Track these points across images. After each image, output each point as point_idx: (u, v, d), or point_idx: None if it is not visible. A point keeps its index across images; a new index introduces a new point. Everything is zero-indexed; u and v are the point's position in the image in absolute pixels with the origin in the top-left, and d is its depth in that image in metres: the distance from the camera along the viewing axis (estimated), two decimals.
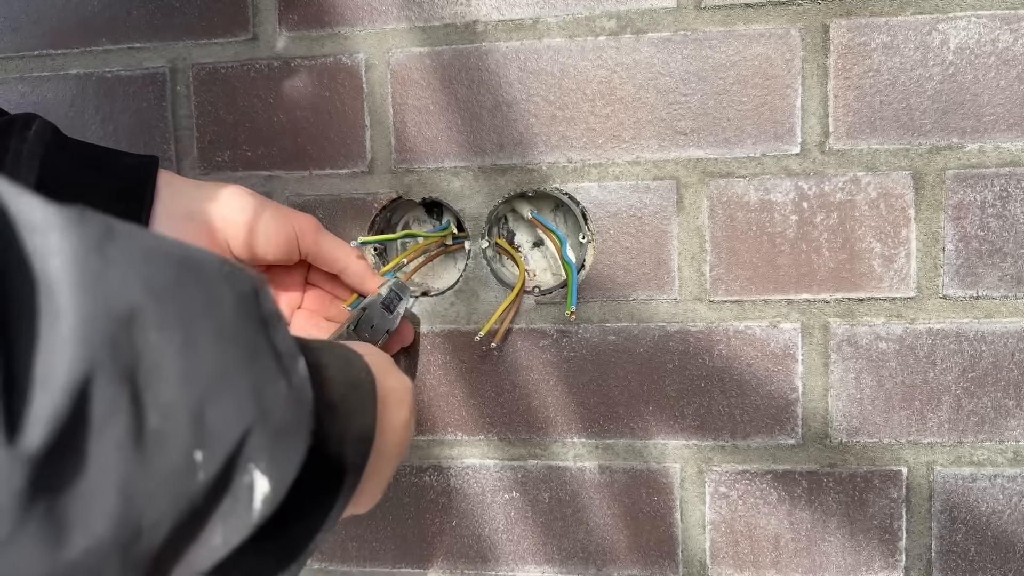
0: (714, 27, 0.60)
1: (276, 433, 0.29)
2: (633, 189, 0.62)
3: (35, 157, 0.51)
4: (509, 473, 0.66)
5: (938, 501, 0.62)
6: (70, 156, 0.53)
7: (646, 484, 0.65)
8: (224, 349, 0.27)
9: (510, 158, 0.63)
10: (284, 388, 0.30)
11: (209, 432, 0.26)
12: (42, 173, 0.51)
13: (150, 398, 0.24)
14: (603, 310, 0.64)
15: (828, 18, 0.59)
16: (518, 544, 0.67)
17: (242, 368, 0.28)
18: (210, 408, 0.26)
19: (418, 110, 0.64)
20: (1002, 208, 0.59)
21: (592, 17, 0.61)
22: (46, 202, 0.23)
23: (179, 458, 0.25)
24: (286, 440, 0.30)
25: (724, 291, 0.62)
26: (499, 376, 0.65)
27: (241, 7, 0.65)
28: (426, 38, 0.63)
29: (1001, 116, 0.58)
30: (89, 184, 0.53)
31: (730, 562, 0.64)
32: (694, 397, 0.63)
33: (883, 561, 0.62)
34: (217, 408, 0.26)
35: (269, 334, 0.30)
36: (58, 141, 0.53)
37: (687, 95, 0.61)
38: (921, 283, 0.60)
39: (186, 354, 0.25)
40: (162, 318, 0.25)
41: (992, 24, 0.58)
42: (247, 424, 0.27)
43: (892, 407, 0.61)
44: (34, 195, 0.24)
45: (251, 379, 0.28)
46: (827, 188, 0.60)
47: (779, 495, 0.63)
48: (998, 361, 0.60)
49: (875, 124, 0.59)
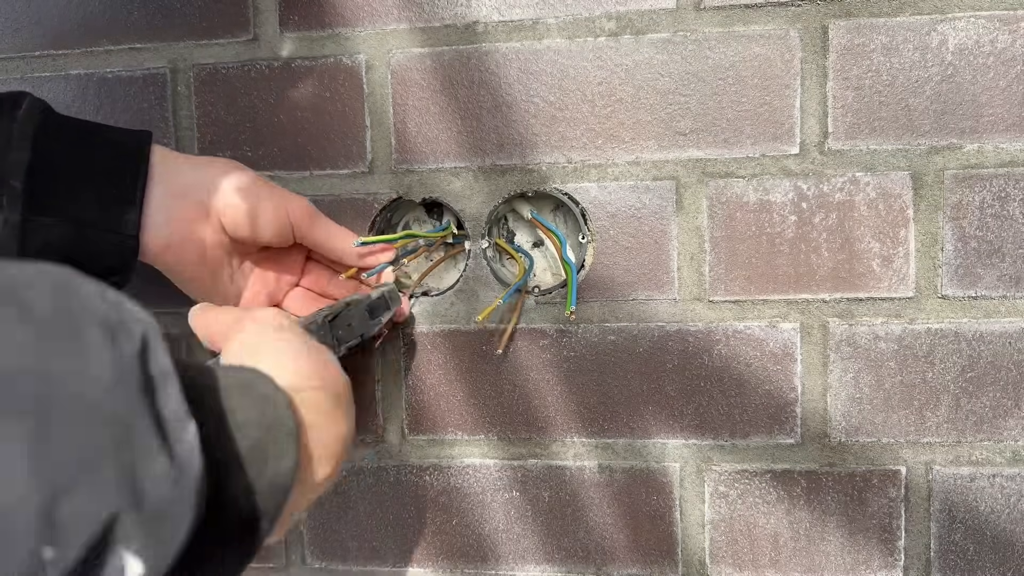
0: (713, 28, 0.60)
1: (151, 516, 0.27)
2: (633, 189, 0.62)
3: (26, 138, 0.51)
4: (509, 473, 0.66)
5: (937, 500, 0.62)
6: (62, 135, 0.53)
7: (646, 483, 0.65)
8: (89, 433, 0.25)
9: (510, 158, 0.63)
10: (164, 465, 0.27)
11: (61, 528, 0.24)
12: (33, 155, 0.51)
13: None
14: (603, 310, 0.64)
15: (827, 19, 0.59)
16: (518, 543, 0.67)
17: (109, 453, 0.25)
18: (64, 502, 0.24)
19: (418, 111, 0.64)
20: (1001, 208, 0.59)
21: (592, 18, 0.62)
22: None
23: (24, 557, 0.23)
24: (164, 520, 0.28)
25: (723, 291, 0.62)
26: (499, 376, 0.65)
27: (242, 8, 0.66)
28: (426, 39, 0.64)
29: (1000, 116, 0.58)
30: (83, 163, 0.53)
31: (729, 561, 0.64)
32: (693, 397, 0.63)
33: (882, 560, 0.63)
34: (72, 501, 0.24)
35: (154, 401, 0.28)
36: (49, 119, 0.52)
37: (686, 96, 0.61)
38: (920, 283, 0.60)
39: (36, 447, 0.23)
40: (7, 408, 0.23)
41: (991, 25, 0.58)
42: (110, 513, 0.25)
43: (891, 407, 0.61)
44: None
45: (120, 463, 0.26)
46: (826, 188, 0.60)
47: (778, 494, 0.63)
48: (996, 361, 0.60)
49: (874, 125, 0.60)
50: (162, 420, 0.28)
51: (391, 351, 0.67)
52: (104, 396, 0.26)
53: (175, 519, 0.28)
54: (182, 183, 0.55)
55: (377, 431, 0.68)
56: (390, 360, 0.67)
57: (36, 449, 0.23)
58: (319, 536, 0.69)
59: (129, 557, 0.26)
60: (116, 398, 0.26)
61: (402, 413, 0.67)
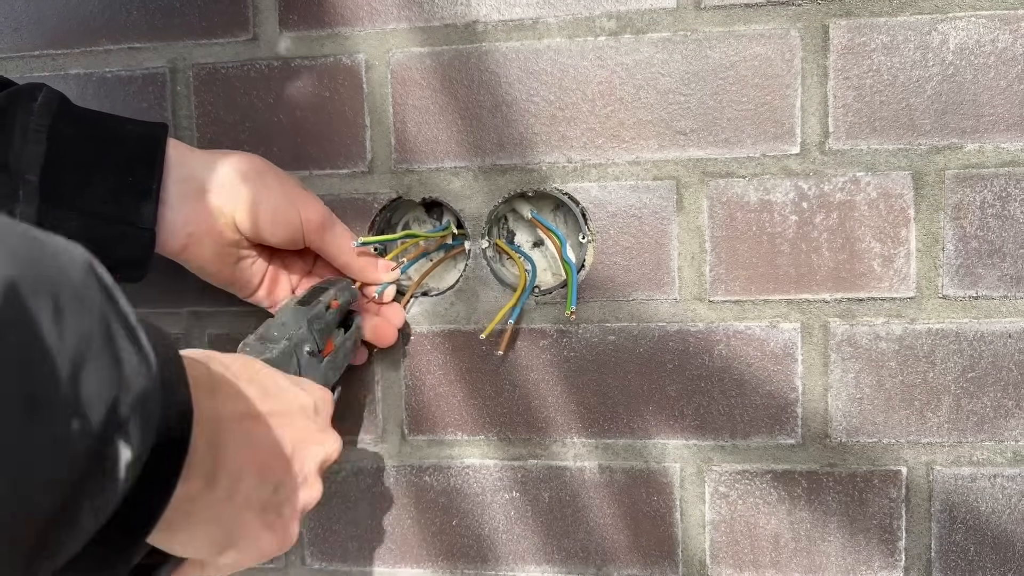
0: (714, 27, 0.60)
1: (135, 403, 0.29)
2: (633, 189, 0.62)
3: (42, 130, 0.51)
4: (509, 473, 0.66)
5: (938, 501, 0.62)
6: (78, 127, 0.52)
7: (646, 484, 0.65)
8: (84, 316, 0.27)
9: (510, 158, 0.63)
10: (136, 358, 0.29)
11: (84, 401, 0.26)
12: (50, 146, 0.51)
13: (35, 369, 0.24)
14: (603, 310, 0.64)
15: (828, 18, 0.59)
16: (518, 544, 0.67)
17: (101, 339, 0.27)
18: (83, 376, 0.26)
19: (418, 110, 0.64)
20: (1001, 208, 0.59)
21: (592, 17, 0.61)
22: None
23: (60, 427, 0.25)
24: (144, 409, 0.29)
25: (724, 291, 0.62)
26: (499, 376, 0.65)
27: (241, 7, 0.66)
28: (426, 38, 0.64)
29: (1001, 116, 0.58)
30: (98, 156, 0.52)
31: (730, 562, 0.64)
32: (694, 397, 0.63)
33: (883, 561, 0.62)
34: (88, 377, 0.26)
35: (116, 302, 0.29)
36: (65, 111, 0.52)
37: (687, 95, 0.61)
38: (921, 283, 0.60)
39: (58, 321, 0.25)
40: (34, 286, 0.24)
41: (991, 24, 0.58)
42: (114, 394, 0.27)
43: (892, 407, 0.61)
44: None
45: (111, 348, 0.28)
46: (827, 188, 0.60)
47: (779, 495, 0.63)
48: (997, 361, 0.60)
49: (875, 124, 0.60)
50: (127, 320, 0.30)
51: (391, 351, 0.67)
52: (83, 287, 0.27)
53: (150, 412, 0.30)
54: (199, 183, 0.55)
55: (377, 431, 0.68)
56: (390, 360, 0.67)
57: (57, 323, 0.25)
58: (319, 536, 0.69)
59: (122, 444, 0.28)
60: (90, 291, 0.28)
61: (402, 413, 0.67)
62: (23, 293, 0.24)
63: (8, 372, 0.23)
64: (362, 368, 0.67)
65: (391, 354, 0.67)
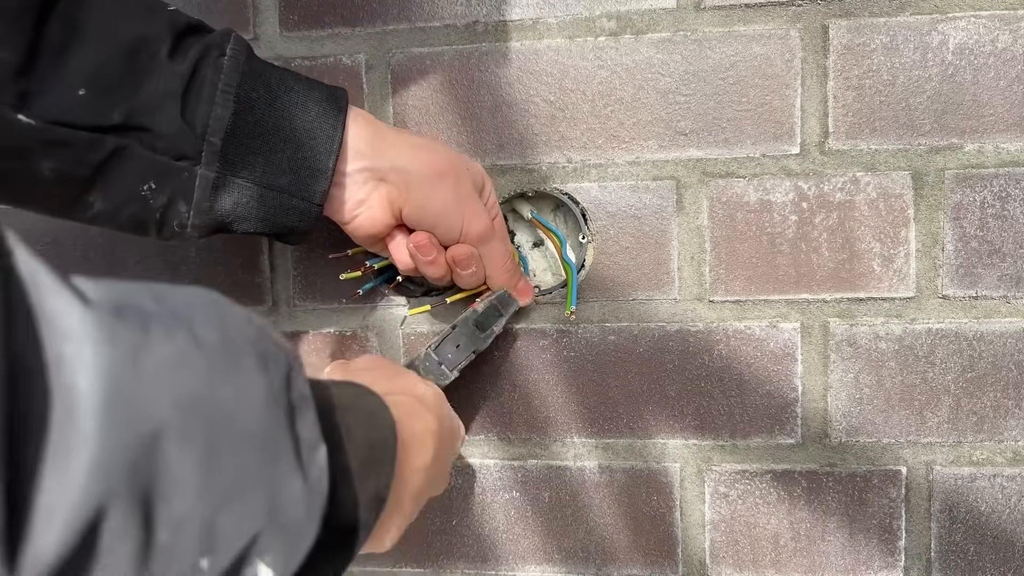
0: (714, 28, 0.60)
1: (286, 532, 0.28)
2: (633, 189, 0.62)
3: (229, 91, 0.50)
4: (509, 473, 0.66)
5: (937, 501, 0.62)
6: (264, 90, 0.52)
7: (646, 484, 0.65)
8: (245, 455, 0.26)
9: (510, 158, 0.63)
10: (299, 485, 0.29)
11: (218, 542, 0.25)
12: (236, 110, 0.50)
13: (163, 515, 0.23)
14: (603, 310, 0.64)
15: (827, 19, 0.59)
16: (518, 544, 0.67)
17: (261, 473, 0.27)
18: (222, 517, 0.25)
19: (418, 110, 0.64)
20: (1001, 208, 0.59)
21: (592, 18, 0.61)
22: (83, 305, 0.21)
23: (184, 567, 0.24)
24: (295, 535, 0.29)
25: (724, 291, 0.62)
26: (499, 376, 0.65)
27: (241, 7, 0.66)
28: (426, 38, 0.64)
29: (1000, 116, 0.58)
30: (280, 123, 0.52)
31: (730, 562, 0.64)
32: (694, 397, 0.63)
33: (882, 561, 0.63)
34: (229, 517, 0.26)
35: (294, 424, 0.29)
36: (253, 69, 0.52)
37: (687, 95, 0.61)
38: (920, 283, 0.60)
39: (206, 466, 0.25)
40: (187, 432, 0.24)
41: (991, 24, 0.58)
42: (258, 529, 0.27)
43: (891, 407, 0.61)
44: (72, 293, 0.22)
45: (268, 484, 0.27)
46: (827, 188, 0.60)
47: (779, 495, 0.63)
48: (997, 361, 0.60)
49: (874, 124, 0.60)
50: (300, 443, 0.29)
51: (391, 351, 0.67)
52: (256, 421, 0.27)
53: (303, 535, 0.30)
54: (383, 173, 0.55)
55: None
56: (390, 360, 0.67)
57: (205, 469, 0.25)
58: None
59: (262, 567, 0.28)
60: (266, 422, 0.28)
61: None
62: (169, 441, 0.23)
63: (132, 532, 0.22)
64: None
65: (391, 353, 0.67)
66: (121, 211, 0.50)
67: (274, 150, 0.52)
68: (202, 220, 0.52)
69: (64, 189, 0.48)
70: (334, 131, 0.53)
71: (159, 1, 0.51)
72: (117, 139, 0.48)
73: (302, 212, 0.53)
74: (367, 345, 0.67)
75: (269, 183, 0.52)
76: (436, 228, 0.56)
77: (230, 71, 0.50)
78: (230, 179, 0.51)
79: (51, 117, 0.46)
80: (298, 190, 0.53)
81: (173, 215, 0.51)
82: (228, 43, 0.51)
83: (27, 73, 0.45)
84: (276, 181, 0.52)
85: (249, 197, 0.52)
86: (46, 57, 0.46)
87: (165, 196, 0.50)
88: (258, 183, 0.52)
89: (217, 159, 0.50)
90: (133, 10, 0.49)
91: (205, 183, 0.50)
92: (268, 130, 0.51)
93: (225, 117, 0.50)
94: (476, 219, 0.57)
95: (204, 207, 0.51)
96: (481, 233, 0.57)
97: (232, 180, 0.51)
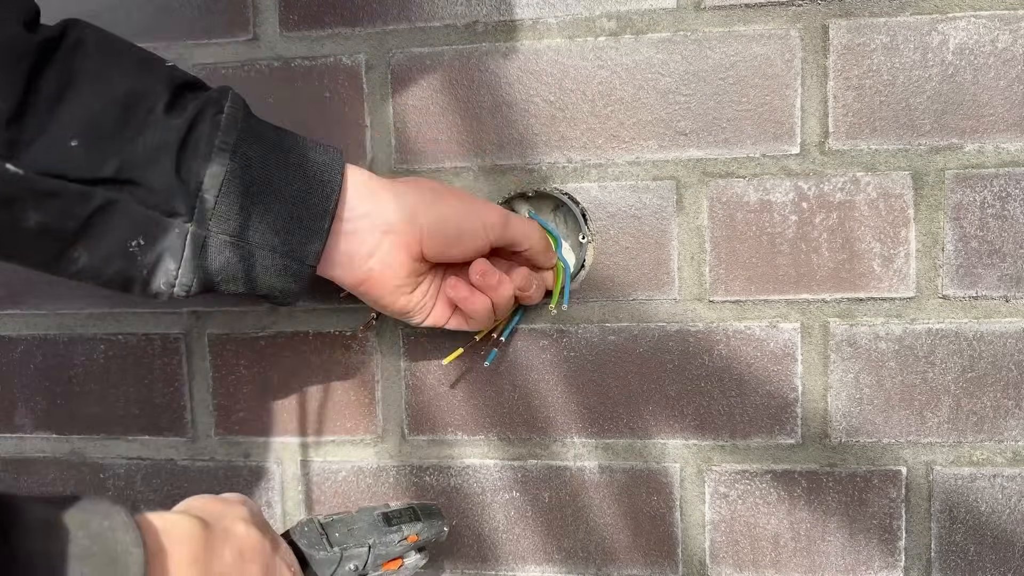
0: (714, 28, 0.60)
1: None
2: (633, 189, 0.62)
3: (226, 148, 0.49)
4: (509, 473, 0.66)
5: (937, 501, 0.62)
6: (261, 148, 0.51)
7: (646, 484, 0.65)
8: None
9: (510, 158, 0.63)
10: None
11: None
12: (232, 167, 0.49)
13: None
14: (603, 310, 0.64)
15: (827, 18, 0.59)
16: (518, 544, 0.67)
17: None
18: None
19: (418, 110, 0.64)
20: (1001, 208, 0.59)
21: (592, 18, 0.61)
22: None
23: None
24: None
25: (724, 291, 0.62)
26: (499, 376, 0.65)
27: (241, 7, 0.66)
28: (426, 38, 0.64)
29: (1000, 116, 0.58)
30: (277, 184, 0.51)
31: (730, 562, 0.64)
32: (694, 397, 0.63)
33: (882, 561, 0.63)
34: None
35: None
36: (250, 128, 0.51)
37: (687, 95, 0.61)
38: (920, 283, 0.60)
39: None
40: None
41: (991, 24, 0.58)
42: None
43: (891, 407, 0.61)
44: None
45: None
46: (827, 188, 0.60)
47: (779, 495, 0.63)
48: (997, 361, 0.60)
49: (875, 124, 0.60)
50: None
51: (391, 351, 0.67)
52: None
53: None
54: (386, 216, 0.53)
55: (377, 431, 0.68)
56: (390, 360, 0.67)
57: None
58: None
59: None
60: None
61: (402, 413, 0.67)
62: None
63: None
64: (362, 368, 0.67)
65: (391, 354, 0.67)
66: (107, 267, 0.49)
67: (268, 210, 0.51)
68: (190, 279, 0.51)
69: (49, 242, 0.47)
70: (330, 191, 0.52)
71: (158, 57, 0.51)
72: (107, 192, 0.47)
73: (294, 273, 0.52)
74: (367, 345, 0.67)
75: (261, 243, 0.51)
76: (462, 237, 0.55)
77: (228, 128, 0.49)
78: (221, 238, 0.50)
79: (41, 167, 0.45)
80: (291, 250, 0.51)
81: (160, 273, 0.50)
82: (226, 100, 0.50)
83: (18, 121, 0.45)
84: (268, 241, 0.51)
85: (240, 257, 0.51)
86: (39, 106, 0.45)
87: (154, 253, 0.49)
88: (250, 242, 0.51)
89: (209, 216, 0.49)
90: (131, 63, 0.49)
91: (196, 241, 0.49)
92: (263, 189, 0.50)
93: (220, 174, 0.49)
94: (489, 208, 0.57)
95: (193, 265, 0.50)
96: (502, 217, 0.57)
97: (223, 239, 0.50)
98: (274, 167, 0.51)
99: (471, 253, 0.56)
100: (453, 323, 0.60)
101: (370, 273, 0.54)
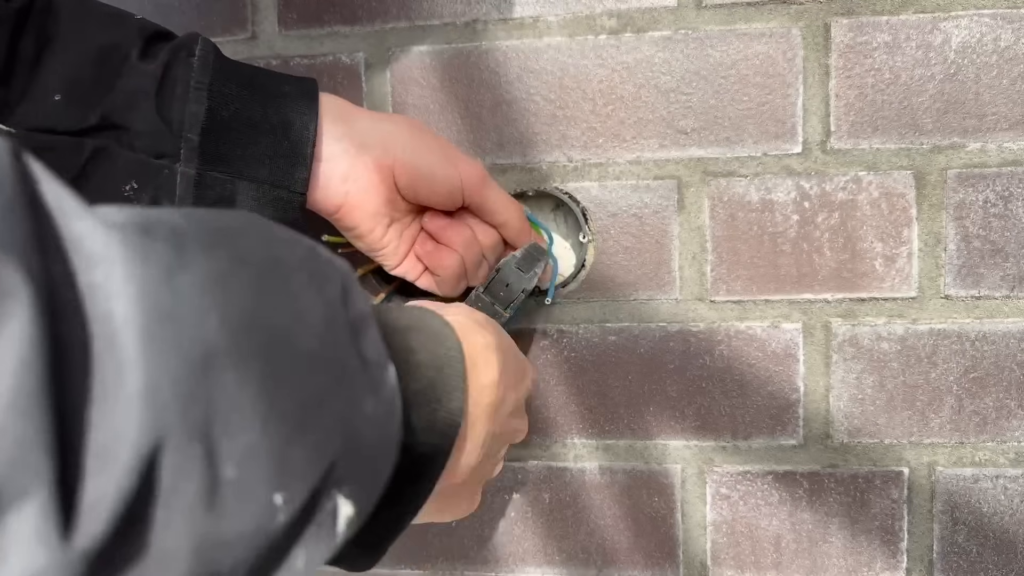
0: (715, 26, 0.60)
1: (362, 458, 0.27)
2: (634, 189, 0.62)
3: (202, 88, 0.50)
4: (509, 474, 0.66)
5: (940, 502, 0.61)
6: (234, 84, 0.52)
7: (647, 485, 0.64)
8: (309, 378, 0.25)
9: (510, 157, 0.63)
10: (372, 406, 0.27)
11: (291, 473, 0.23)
12: (210, 105, 0.50)
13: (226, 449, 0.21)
14: (603, 310, 0.63)
15: (829, 17, 0.59)
16: (518, 545, 0.66)
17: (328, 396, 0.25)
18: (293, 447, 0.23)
19: (418, 109, 0.64)
20: (1004, 208, 0.59)
21: (592, 16, 0.61)
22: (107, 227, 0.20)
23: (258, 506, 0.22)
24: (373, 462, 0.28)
25: (725, 291, 0.62)
26: None
27: (240, 6, 0.65)
28: (426, 37, 0.63)
29: (1003, 115, 0.58)
30: (253, 116, 0.52)
31: (731, 563, 0.64)
32: (695, 397, 0.63)
33: (884, 562, 0.62)
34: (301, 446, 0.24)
35: (358, 343, 0.27)
36: (222, 67, 0.52)
37: (688, 94, 0.61)
38: (923, 283, 0.60)
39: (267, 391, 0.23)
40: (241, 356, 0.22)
41: (994, 23, 0.58)
42: (332, 458, 0.25)
43: (894, 407, 0.61)
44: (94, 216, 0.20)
45: (338, 406, 0.26)
46: (828, 188, 0.60)
47: (780, 496, 0.63)
48: (1000, 361, 0.60)
49: (877, 123, 0.59)
50: (367, 363, 0.28)
51: None
52: (317, 341, 0.25)
53: (381, 461, 0.28)
54: (361, 139, 0.54)
55: None
56: None
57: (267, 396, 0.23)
58: None
59: (342, 500, 0.26)
60: (327, 343, 0.26)
61: None
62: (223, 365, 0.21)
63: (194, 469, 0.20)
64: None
65: None
66: None
67: (251, 143, 0.52)
68: None
69: None
70: (308, 118, 0.53)
71: (127, 12, 0.53)
72: (97, 140, 0.49)
73: (285, 202, 0.53)
74: None
75: (249, 176, 0.52)
76: (435, 178, 0.55)
77: (201, 69, 0.51)
78: (210, 174, 0.51)
79: (31, 124, 0.48)
80: (279, 179, 0.52)
81: None
82: (196, 44, 0.52)
83: (5, 84, 0.47)
84: (256, 173, 0.52)
85: (231, 191, 0.52)
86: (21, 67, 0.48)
87: (148, 195, 0.50)
88: (238, 176, 0.52)
89: (196, 155, 0.50)
90: (102, 19, 0.51)
91: (186, 180, 0.51)
92: (243, 123, 0.52)
93: (200, 113, 0.50)
94: (470, 164, 0.57)
95: (187, 204, 0.51)
96: (482, 176, 0.57)
97: (212, 175, 0.51)
98: (251, 102, 0.52)
99: (444, 198, 0.57)
100: (424, 281, 0.60)
101: (346, 197, 0.54)
